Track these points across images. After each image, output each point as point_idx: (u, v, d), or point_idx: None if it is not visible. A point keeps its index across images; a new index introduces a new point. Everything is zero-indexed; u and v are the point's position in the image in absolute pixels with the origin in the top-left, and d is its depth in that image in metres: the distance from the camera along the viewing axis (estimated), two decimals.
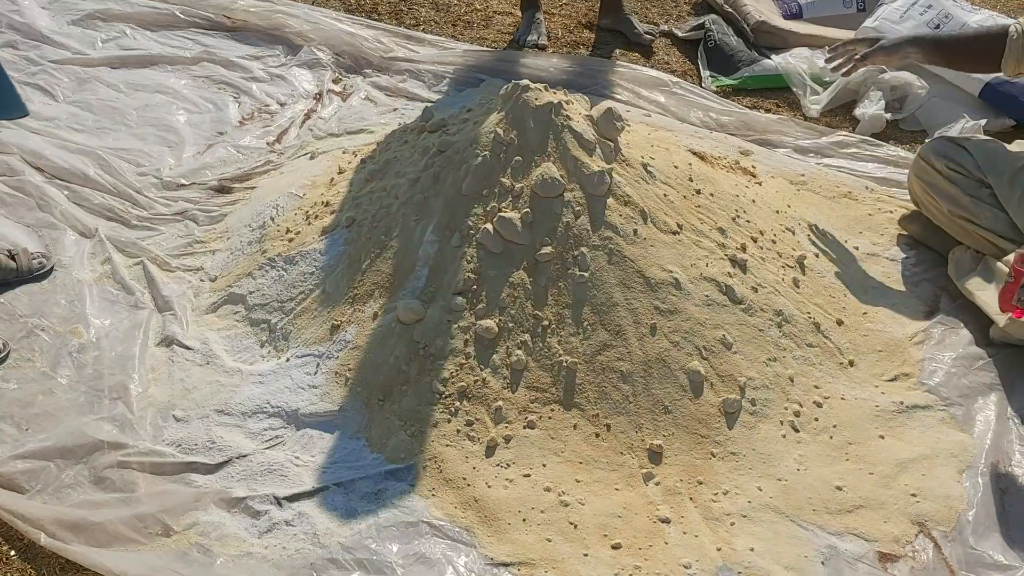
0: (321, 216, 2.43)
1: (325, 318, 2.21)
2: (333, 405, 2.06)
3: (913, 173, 2.56)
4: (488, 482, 1.90)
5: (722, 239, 2.29)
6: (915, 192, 2.60)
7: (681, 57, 3.53)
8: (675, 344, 2.08)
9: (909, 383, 2.21)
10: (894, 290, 2.47)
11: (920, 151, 2.56)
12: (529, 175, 2.17)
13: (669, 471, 1.95)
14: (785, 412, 2.07)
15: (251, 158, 2.97)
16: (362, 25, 3.62)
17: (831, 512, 1.90)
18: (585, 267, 2.11)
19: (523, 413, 2.00)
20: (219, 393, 2.13)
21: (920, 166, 2.53)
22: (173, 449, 2.02)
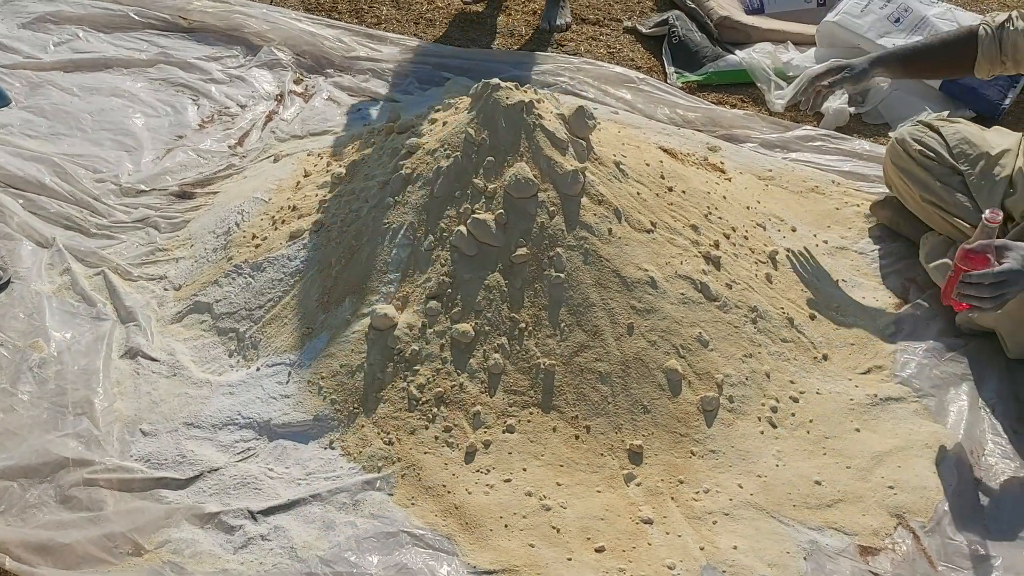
0: (288, 221, 2.38)
1: (296, 325, 2.16)
2: (306, 414, 2.02)
3: (888, 157, 2.57)
4: (468, 488, 1.88)
5: (695, 236, 2.29)
6: (889, 176, 2.61)
7: (646, 53, 3.53)
8: (652, 343, 2.07)
9: (882, 375, 2.22)
10: (864, 283, 2.49)
11: (895, 135, 2.56)
12: (502, 176, 2.15)
13: (650, 471, 1.94)
14: (763, 408, 2.08)
15: (212, 162, 2.90)
16: (323, 24, 3.56)
17: (811, 507, 1.91)
18: (561, 268, 2.09)
19: (502, 417, 1.98)
20: (188, 405, 2.08)
21: (895, 151, 2.54)
22: (142, 465, 1.96)
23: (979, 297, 1.88)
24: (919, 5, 3.28)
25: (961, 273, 1.89)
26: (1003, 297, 1.89)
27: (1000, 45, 2.33)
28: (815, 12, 3.55)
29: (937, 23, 3.21)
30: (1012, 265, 1.87)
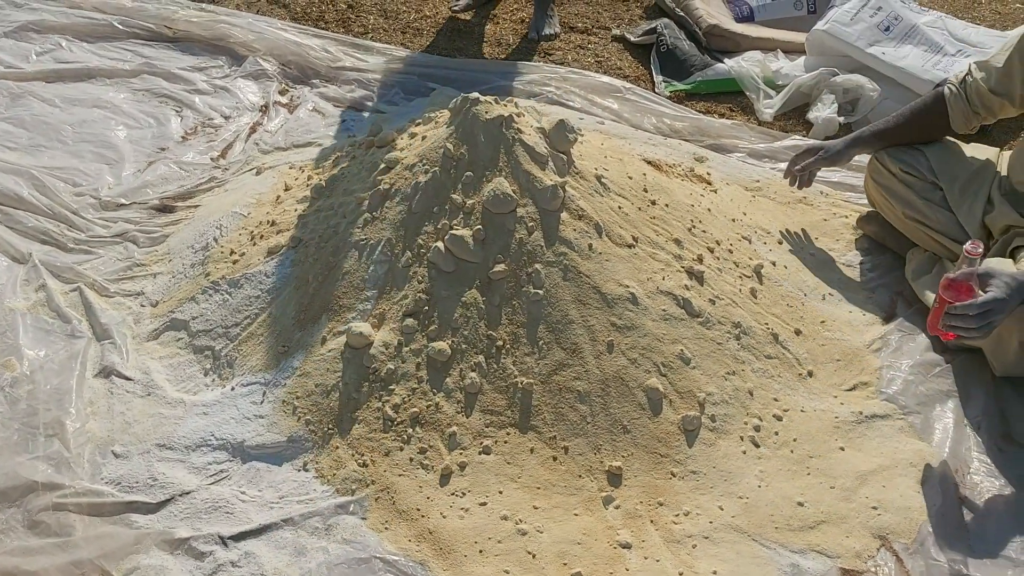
0: (267, 236, 2.35)
1: (272, 344, 2.13)
2: (281, 436, 1.99)
3: (869, 174, 2.55)
4: (443, 512, 1.84)
5: (678, 251, 2.25)
6: (870, 193, 2.58)
7: (634, 62, 3.49)
8: (633, 361, 2.04)
9: (868, 392, 2.19)
10: (851, 297, 2.45)
11: (875, 152, 2.54)
12: (480, 191, 2.11)
13: (629, 493, 1.91)
14: (745, 427, 2.04)
15: (194, 175, 2.87)
16: (309, 34, 3.54)
17: (793, 529, 1.87)
18: (539, 284, 2.05)
19: (478, 438, 1.95)
20: (161, 426, 2.05)
21: (875, 167, 2.51)
22: (112, 488, 1.93)
23: (966, 328, 1.86)
24: (909, 14, 3.25)
25: (946, 304, 1.86)
26: (990, 326, 1.87)
27: (968, 101, 2.35)
28: (805, 20, 3.52)
29: (928, 32, 3.18)
30: (996, 294, 1.84)
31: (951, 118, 2.38)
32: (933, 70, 3.08)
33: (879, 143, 2.47)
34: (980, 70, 2.33)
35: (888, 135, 2.46)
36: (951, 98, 2.35)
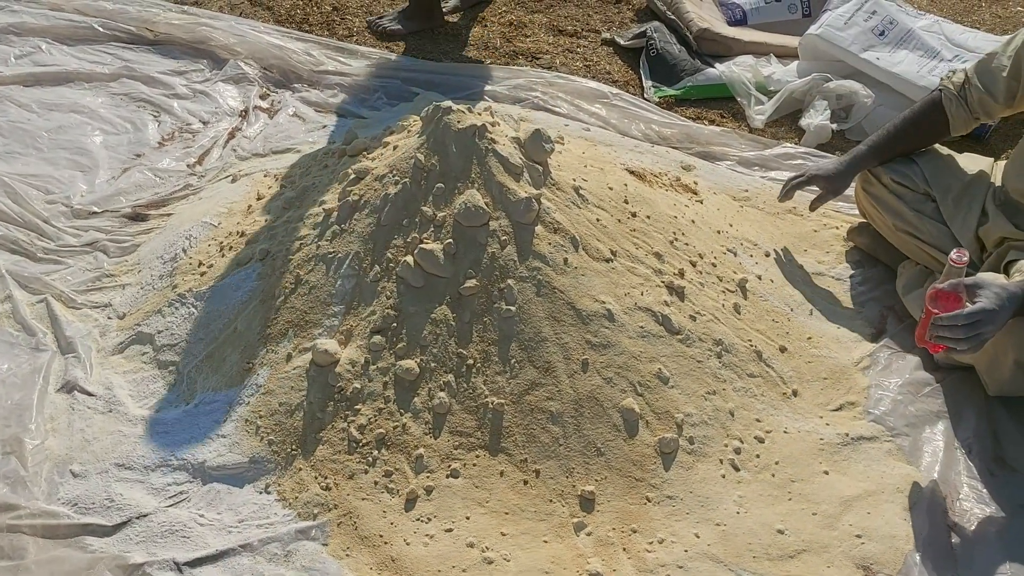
0: (235, 247, 2.29)
1: (236, 360, 2.06)
2: (242, 456, 1.92)
3: (859, 184, 2.48)
4: (407, 539, 1.77)
5: (659, 265, 2.18)
6: (861, 204, 2.51)
7: (624, 66, 3.42)
8: (608, 380, 1.96)
9: (855, 412, 2.11)
10: (839, 312, 2.38)
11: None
12: (452, 203, 2.04)
13: (601, 519, 1.83)
14: (725, 449, 1.97)
15: (169, 182, 2.81)
16: (292, 37, 3.47)
17: (772, 559, 1.80)
18: (512, 300, 1.98)
19: (446, 461, 1.88)
20: (121, 444, 1.98)
21: (866, 177, 2.44)
22: (68, 509, 1.86)
23: (954, 339, 1.78)
24: (905, 17, 3.17)
25: (932, 315, 1.79)
26: (979, 337, 1.79)
27: (968, 106, 2.27)
28: (799, 23, 3.43)
29: (924, 36, 3.10)
30: (985, 304, 1.76)
31: (951, 125, 2.31)
32: (929, 76, 3.00)
33: (877, 158, 2.38)
34: (980, 75, 2.25)
35: (885, 148, 2.38)
36: (950, 104, 2.28)
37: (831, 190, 2.42)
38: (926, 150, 2.41)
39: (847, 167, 2.40)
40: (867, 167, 2.40)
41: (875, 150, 2.39)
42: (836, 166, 2.42)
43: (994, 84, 2.23)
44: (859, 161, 2.40)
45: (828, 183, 2.41)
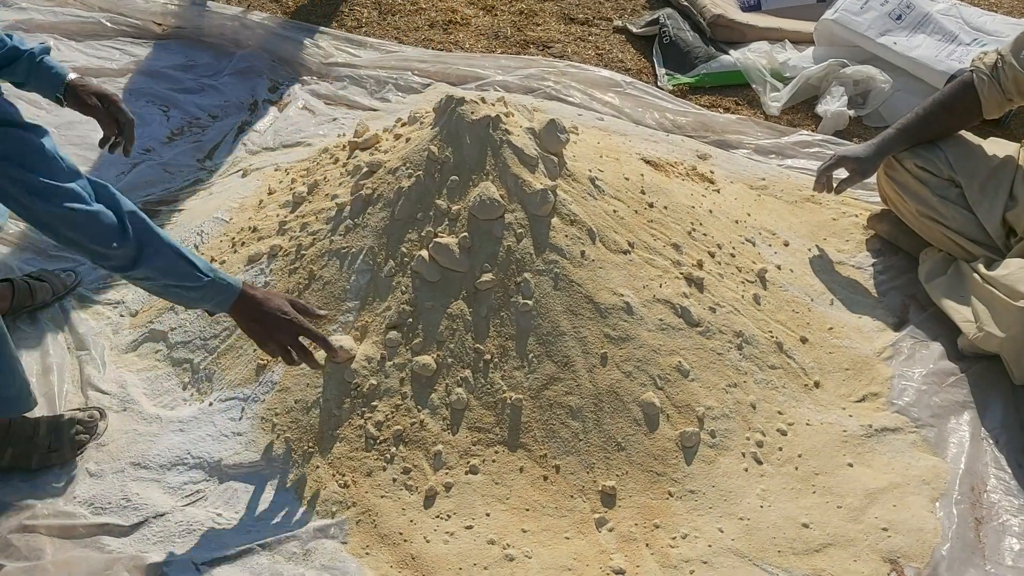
0: (248, 243, 2.26)
1: (250, 357, 2.04)
2: (258, 454, 1.90)
3: (882, 170, 2.43)
4: (427, 536, 1.75)
5: (677, 256, 2.14)
6: (883, 190, 2.46)
7: (636, 54, 3.38)
8: (627, 374, 1.93)
9: (878, 403, 2.08)
10: (861, 301, 2.34)
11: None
12: (466, 196, 2.01)
13: (623, 515, 1.81)
14: (747, 443, 1.94)
15: (179, 177, 2.79)
16: (300, 29, 3.44)
17: (797, 553, 1.77)
18: (529, 294, 1.95)
19: (465, 457, 1.85)
20: (136, 443, 1.96)
21: (890, 162, 2.39)
22: (85, 509, 1.85)
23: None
24: (922, 1, 3.12)
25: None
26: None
27: (1001, 87, 2.23)
28: (814, 8, 3.39)
29: (942, 20, 3.05)
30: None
31: (984, 106, 2.27)
32: (947, 60, 2.95)
33: (906, 142, 2.34)
34: (1011, 55, 2.21)
35: (915, 132, 2.33)
36: (983, 85, 2.24)
37: (859, 172, 2.37)
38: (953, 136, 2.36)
39: (876, 150, 2.36)
40: (895, 151, 2.35)
41: (904, 133, 2.34)
42: (865, 149, 2.38)
43: None
44: (888, 144, 2.35)
45: (856, 164, 2.36)
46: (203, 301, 1.72)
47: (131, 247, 1.59)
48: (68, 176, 1.56)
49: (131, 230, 1.60)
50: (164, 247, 1.64)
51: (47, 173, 1.52)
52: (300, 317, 1.78)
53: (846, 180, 2.42)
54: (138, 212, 1.63)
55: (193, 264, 1.68)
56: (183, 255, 1.67)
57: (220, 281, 1.71)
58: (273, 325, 1.75)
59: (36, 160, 1.52)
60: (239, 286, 1.74)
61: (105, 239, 1.57)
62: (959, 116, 2.33)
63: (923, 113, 2.35)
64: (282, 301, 1.78)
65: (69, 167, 1.57)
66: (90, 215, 1.55)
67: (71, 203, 1.53)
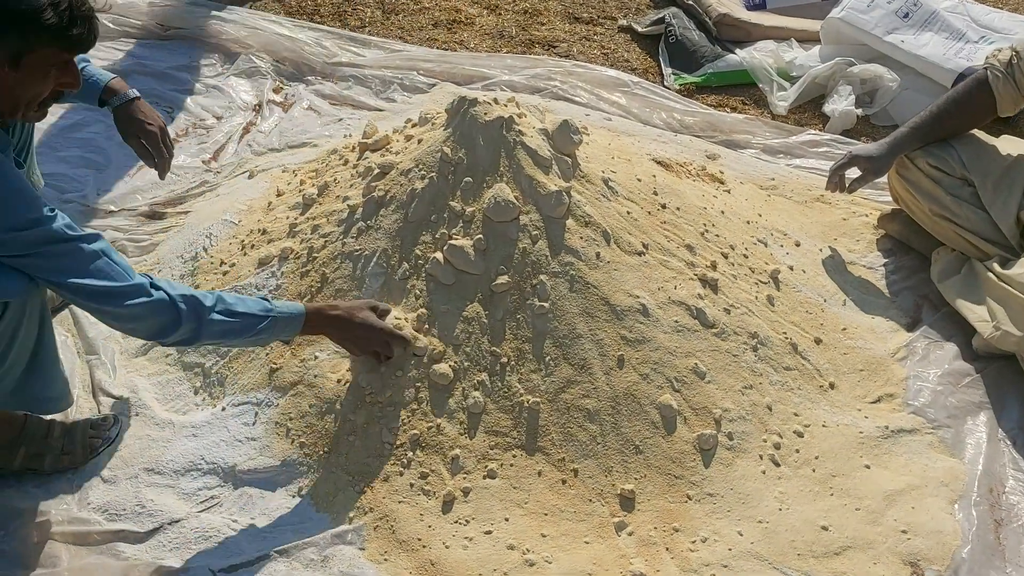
0: (258, 246, 2.24)
1: (263, 361, 2.03)
2: (274, 459, 1.88)
3: (894, 169, 2.42)
4: (446, 542, 1.74)
5: (691, 257, 2.13)
6: (895, 189, 2.46)
7: (642, 53, 3.37)
8: (644, 377, 1.92)
9: (893, 404, 2.07)
10: (873, 301, 2.33)
11: None
12: (481, 198, 2.00)
13: (642, 518, 1.80)
14: (764, 445, 1.93)
15: (185, 179, 2.77)
16: (304, 28, 3.41)
17: (816, 556, 1.77)
18: (545, 297, 1.94)
19: (482, 461, 1.84)
20: (149, 449, 1.95)
21: (902, 161, 2.38)
22: (99, 516, 1.83)
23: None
24: None
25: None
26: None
27: (1016, 84, 2.23)
28: (819, 7, 3.37)
29: (949, 18, 3.05)
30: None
31: (999, 103, 2.26)
32: (955, 58, 2.94)
33: (920, 141, 2.33)
34: None
35: (929, 131, 2.32)
36: (997, 82, 2.23)
37: (872, 171, 2.36)
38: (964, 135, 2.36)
39: (889, 148, 2.35)
40: (909, 149, 2.34)
41: (917, 132, 2.33)
42: (877, 148, 2.37)
43: None
44: (901, 143, 2.35)
45: (869, 164, 2.35)
46: (273, 338, 1.79)
47: (187, 330, 1.65)
48: (122, 275, 1.62)
49: (184, 314, 1.64)
50: (218, 315, 1.68)
51: (104, 276, 1.60)
52: (383, 324, 1.85)
53: (859, 179, 2.41)
54: (188, 294, 1.67)
55: (250, 315, 1.71)
56: (237, 312, 1.70)
57: (281, 316, 1.74)
58: (364, 338, 1.84)
59: (91, 269, 1.59)
60: (301, 311, 1.78)
61: (162, 330, 1.65)
62: (973, 114, 2.32)
63: (936, 111, 2.34)
64: (367, 313, 1.85)
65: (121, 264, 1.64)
66: (147, 307, 1.62)
67: (130, 301, 1.61)
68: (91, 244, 1.61)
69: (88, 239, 1.61)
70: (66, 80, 1.61)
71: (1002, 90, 2.25)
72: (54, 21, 1.49)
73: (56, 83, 1.60)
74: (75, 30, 1.52)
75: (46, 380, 1.78)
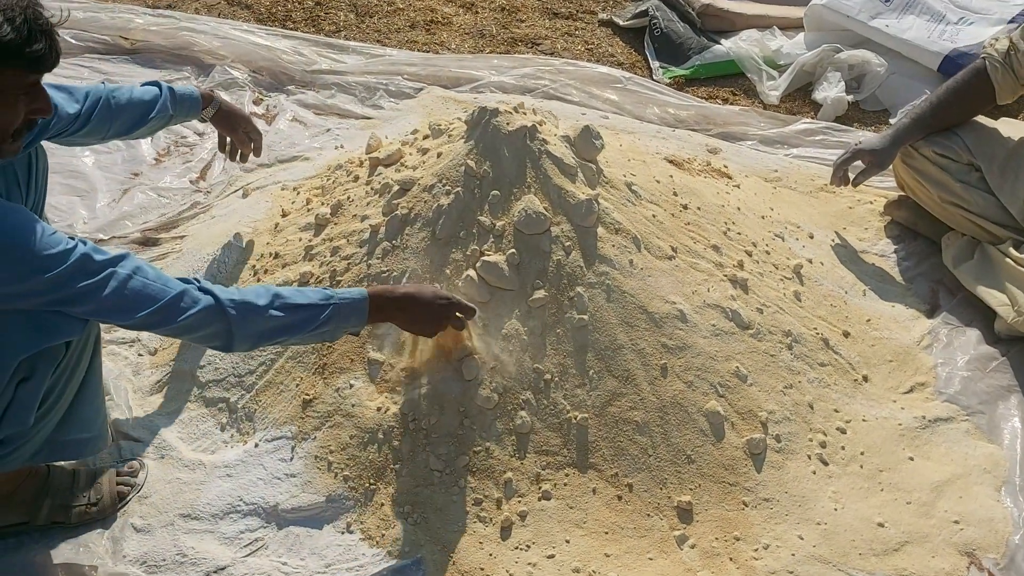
0: (271, 270, 2.16)
1: (293, 393, 1.95)
2: (318, 495, 1.82)
3: (900, 159, 2.44)
4: (509, 569, 1.70)
5: (718, 258, 2.12)
6: (902, 178, 2.48)
7: (626, 47, 3.34)
8: (689, 384, 1.90)
9: (926, 393, 2.09)
10: (890, 289, 2.35)
11: None
12: (510, 211, 1.95)
13: (703, 529, 1.78)
14: (811, 444, 1.92)
15: (175, 201, 2.66)
16: (278, 36, 3.31)
17: (877, 554, 1.77)
18: (584, 309, 1.90)
19: (536, 483, 1.80)
20: (182, 493, 1.86)
21: (907, 151, 2.41)
22: (138, 568, 1.74)
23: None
24: None
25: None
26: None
27: (1015, 73, 2.26)
28: None
29: (931, 2, 3.07)
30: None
31: (997, 92, 2.29)
32: (940, 40, 2.98)
33: (922, 131, 2.35)
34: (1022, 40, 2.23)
35: (930, 121, 2.35)
36: (995, 72, 2.26)
37: (876, 163, 2.38)
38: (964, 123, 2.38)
39: (892, 141, 2.37)
40: (911, 140, 2.37)
41: (919, 122, 2.36)
42: (881, 140, 2.39)
43: None
44: (903, 134, 2.37)
45: (874, 157, 2.37)
46: (340, 330, 1.67)
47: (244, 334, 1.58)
48: (161, 291, 1.53)
49: (234, 319, 1.56)
50: (276, 311, 1.59)
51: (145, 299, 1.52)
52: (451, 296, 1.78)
53: (863, 172, 2.43)
54: (237, 298, 1.59)
55: (311, 306, 1.62)
56: (296, 306, 1.61)
57: (344, 302, 1.64)
58: (435, 318, 1.75)
59: (129, 294, 1.50)
60: (364, 295, 1.67)
61: (216, 336, 1.58)
62: (973, 103, 2.35)
63: (937, 102, 2.36)
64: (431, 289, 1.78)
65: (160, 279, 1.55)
66: (198, 317, 1.54)
67: (181, 317, 1.53)
68: (121, 267, 1.51)
69: (115, 261, 1.51)
70: (37, 106, 1.49)
71: (1000, 80, 2.28)
72: (11, 37, 1.37)
73: (26, 110, 1.49)
74: (35, 46, 1.40)
75: (88, 417, 1.68)
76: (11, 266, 1.42)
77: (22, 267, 1.43)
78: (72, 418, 1.64)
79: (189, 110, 2.14)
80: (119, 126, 2.01)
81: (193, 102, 2.14)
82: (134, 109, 2.02)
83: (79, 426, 1.66)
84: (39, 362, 1.50)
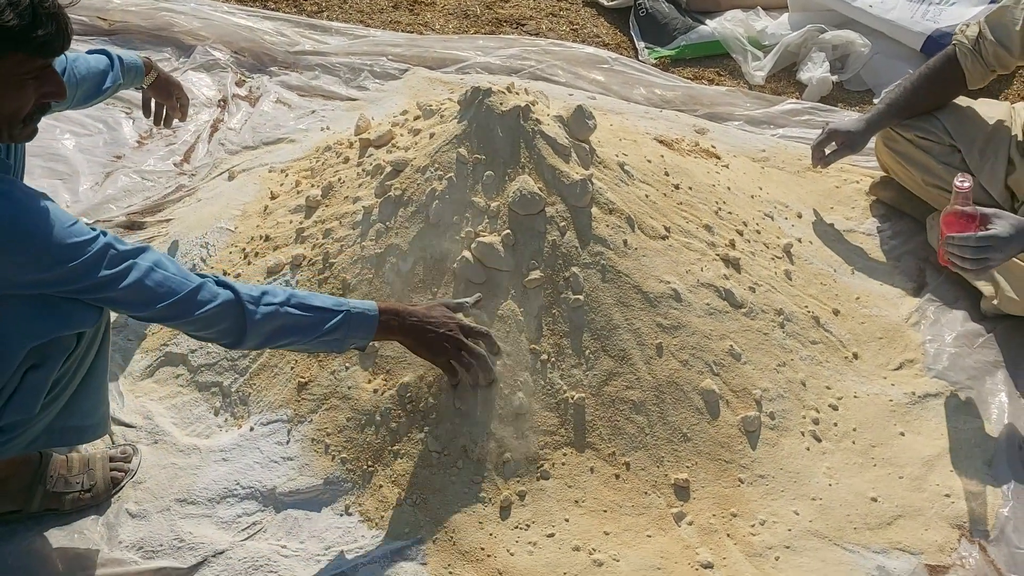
0: (263, 253, 2.14)
1: (288, 376, 1.94)
2: (315, 478, 1.81)
3: (881, 142, 2.47)
4: (510, 549, 1.70)
5: (710, 237, 2.13)
6: (885, 162, 2.50)
7: (611, 28, 3.33)
8: (684, 363, 1.91)
9: (916, 370, 2.12)
10: (878, 268, 2.38)
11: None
12: (504, 191, 1.94)
13: (700, 506, 1.80)
14: (804, 421, 1.95)
15: (159, 184, 2.62)
16: (259, 16, 3.26)
17: (871, 528, 1.79)
18: (579, 289, 1.90)
19: (534, 462, 1.80)
20: (177, 478, 1.84)
21: (889, 135, 2.43)
22: (135, 554, 1.73)
23: (961, 258, 1.83)
24: None
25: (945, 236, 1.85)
26: (986, 262, 1.84)
27: (983, 60, 2.28)
28: None
29: None
30: (998, 231, 1.81)
31: (967, 78, 2.32)
32: (923, 21, 3.00)
33: (896, 116, 2.38)
34: (993, 29, 2.26)
35: (904, 106, 2.37)
36: (965, 59, 2.29)
37: (848, 145, 2.41)
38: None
39: (866, 125, 2.40)
40: (886, 125, 2.40)
41: (893, 107, 2.38)
42: (855, 123, 2.42)
43: (1008, 38, 2.24)
44: (877, 119, 2.40)
45: (846, 139, 2.40)
46: (348, 341, 1.65)
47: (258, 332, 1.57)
48: (181, 283, 1.53)
49: (251, 314, 1.56)
50: (293, 308, 1.59)
51: (165, 291, 1.51)
52: (462, 338, 1.74)
53: (834, 154, 2.46)
54: (255, 293, 1.58)
55: (324, 309, 1.61)
56: (311, 306, 1.60)
57: (355, 311, 1.63)
58: (441, 345, 1.72)
59: (150, 287, 1.50)
60: (374, 310, 1.66)
61: (228, 332, 1.57)
62: (945, 88, 2.38)
63: (910, 87, 2.39)
64: (441, 311, 1.74)
65: (179, 273, 1.54)
66: (216, 312, 1.54)
67: (199, 310, 1.53)
68: (143, 258, 1.51)
69: (136, 253, 1.51)
70: (48, 90, 1.48)
71: (970, 66, 2.30)
72: (15, 23, 1.35)
73: (37, 94, 1.47)
74: (40, 31, 1.39)
75: (91, 405, 1.66)
76: (33, 254, 1.40)
77: (44, 255, 1.41)
78: (75, 406, 1.61)
79: (135, 78, 2.15)
80: (80, 96, 2.00)
81: (138, 70, 2.15)
82: (92, 79, 2.01)
83: (81, 414, 1.64)
84: (51, 351, 1.48)
